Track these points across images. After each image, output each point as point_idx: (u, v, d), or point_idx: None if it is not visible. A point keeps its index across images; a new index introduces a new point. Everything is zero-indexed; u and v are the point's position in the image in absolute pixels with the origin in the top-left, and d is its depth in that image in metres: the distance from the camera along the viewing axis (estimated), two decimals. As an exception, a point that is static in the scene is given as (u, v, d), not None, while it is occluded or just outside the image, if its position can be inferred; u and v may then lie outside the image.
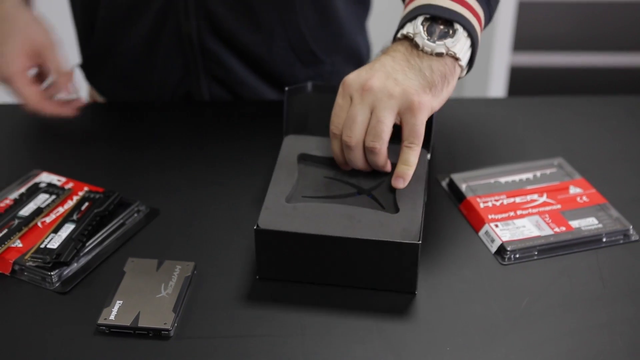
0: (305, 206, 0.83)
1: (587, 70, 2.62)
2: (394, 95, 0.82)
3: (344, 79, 0.86)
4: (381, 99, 0.83)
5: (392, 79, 0.83)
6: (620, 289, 0.82)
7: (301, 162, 0.91)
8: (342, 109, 0.86)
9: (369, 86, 0.83)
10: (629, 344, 0.75)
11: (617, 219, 0.89)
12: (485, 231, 0.89)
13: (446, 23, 0.85)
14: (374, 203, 0.85)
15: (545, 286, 0.82)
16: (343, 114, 0.85)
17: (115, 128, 1.15)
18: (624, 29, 2.61)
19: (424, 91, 0.83)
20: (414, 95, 0.82)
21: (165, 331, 0.75)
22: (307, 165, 0.91)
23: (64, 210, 0.90)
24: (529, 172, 0.98)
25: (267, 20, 1.16)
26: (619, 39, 2.62)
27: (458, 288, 0.82)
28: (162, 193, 0.96)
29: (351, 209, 0.82)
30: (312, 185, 0.88)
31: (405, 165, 0.85)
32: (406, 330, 0.77)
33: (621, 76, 2.62)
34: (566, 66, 2.62)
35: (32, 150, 1.08)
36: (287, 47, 1.19)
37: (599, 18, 2.59)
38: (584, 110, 1.17)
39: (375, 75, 0.84)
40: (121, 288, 0.80)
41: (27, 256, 0.83)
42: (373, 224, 0.80)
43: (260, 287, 0.82)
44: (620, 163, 1.03)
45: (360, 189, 0.87)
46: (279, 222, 0.80)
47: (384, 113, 0.83)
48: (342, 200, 0.85)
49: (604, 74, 2.62)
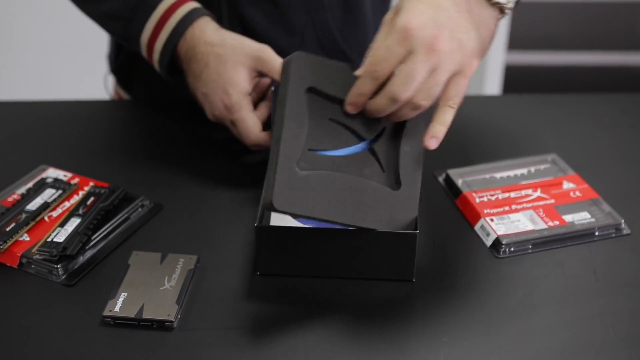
0: (316, 177, 0.78)
1: (580, 69, 2.62)
2: (456, 60, 0.79)
3: (408, 26, 0.78)
4: (445, 63, 0.79)
5: (456, 40, 0.79)
6: (612, 282, 0.82)
7: (309, 98, 0.82)
8: (394, 55, 0.78)
9: (437, 48, 0.78)
10: (621, 335, 0.75)
11: (609, 213, 0.90)
12: (480, 225, 0.89)
13: None
14: (375, 164, 0.82)
15: (539, 279, 0.82)
16: (393, 59, 0.78)
17: (120, 125, 1.15)
18: (615, 28, 2.61)
19: (478, 56, 0.82)
20: (472, 60, 0.81)
21: (169, 322, 0.76)
22: (315, 103, 0.82)
23: (70, 204, 0.90)
24: (523, 168, 0.98)
25: (298, 23, 1.15)
26: (611, 38, 2.62)
27: (454, 281, 0.82)
28: (165, 188, 0.96)
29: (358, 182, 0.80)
30: (317, 133, 0.82)
31: (442, 126, 0.80)
32: (403, 321, 0.77)
33: (613, 75, 2.63)
34: (560, 65, 2.62)
35: (39, 146, 1.08)
36: (318, 48, 1.18)
37: (592, 18, 2.59)
38: (577, 107, 1.17)
39: (442, 35, 0.78)
40: (126, 280, 0.80)
41: (34, 249, 0.83)
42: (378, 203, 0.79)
43: (260, 280, 0.82)
44: (612, 159, 1.03)
45: (362, 137, 0.83)
46: (292, 202, 0.76)
47: (444, 77, 0.79)
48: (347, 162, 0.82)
49: (596, 73, 2.62)
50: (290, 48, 1.17)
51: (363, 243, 0.80)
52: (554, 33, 2.62)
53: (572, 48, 2.61)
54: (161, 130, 1.12)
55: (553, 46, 2.61)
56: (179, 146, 1.07)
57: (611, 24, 2.60)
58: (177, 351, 0.74)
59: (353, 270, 0.82)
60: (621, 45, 2.62)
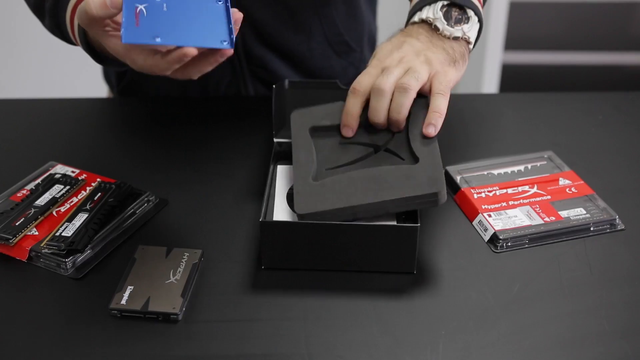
0: (333, 180, 0.82)
1: (574, 68, 2.62)
2: (425, 67, 0.86)
3: (377, 53, 0.90)
4: (416, 67, 0.86)
5: (422, 55, 0.87)
6: (606, 275, 0.82)
7: (314, 135, 0.90)
8: (371, 75, 0.87)
9: (405, 60, 0.87)
10: (615, 327, 0.75)
11: (604, 209, 0.89)
12: (478, 220, 0.88)
13: (461, 9, 0.90)
14: (393, 157, 0.85)
15: (535, 273, 0.82)
16: (371, 78, 0.87)
17: (127, 122, 1.15)
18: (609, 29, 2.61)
19: (449, 64, 0.88)
20: (445, 68, 0.87)
21: (174, 315, 0.75)
22: (320, 137, 0.90)
23: (78, 200, 0.90)
24: (520, 165, 0.97)
25: (305, 19, 1.17)
26: (605, 38, 2.62)
27: (453, 275, 0.82)
28: (171, 184, 0.96)
29: (375, 171, 0.82)
30: (332, 156, 0.87)
31: (437, 113, 0.85)
32: (403, 314, 0.77)
33: (607, 74, 2.63)
34: (555, 64, 2.62)
35: (48, 143, 1.07)
36: (324, 42, 1.20)
37: (586, 19, 2.59)
38: (572, 105, 1.16)
39: (409, 54, 0.87)
40: (132, 274, 0.80)
41: (43, 243, 0.83)
42: (399, 179, 0.80)
43: (264, 274, 0.82)
44: (606, 156, 1.02)
45: (376, 146, 0.87)
46: (313, 203, 0.80)
47: (419, 69, 0.86)
48: (364, 163, 0.85)
49: (590, 72, 2.62)
50: (298, 44, 1.19)
51: (365, 237, 0.79)
52: (550, 33, 2.62)
53: (568, 48, 2.61)
54: (167, 126, 1.11)
55: (549, 46, 2.61)
56: (185, 142, 1.06)
57: (605, 24, 2.60)
58: (182, 343, 0.73)
59: (355, 263, 0.81)
60: (615, 45, 2.62)
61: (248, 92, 1.22)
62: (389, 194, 0.78)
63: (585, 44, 2.61)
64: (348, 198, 0.79)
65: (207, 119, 1.13)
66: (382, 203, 0.78)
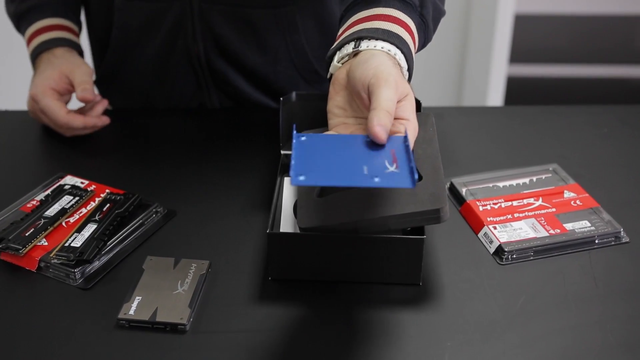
0: (335, 196, 0.81)
1: (580, 81, 2.62)
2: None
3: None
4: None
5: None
6: (611, 288, 0.81)
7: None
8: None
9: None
10: (620, 340, 0.74)
11: (609, 221, 0.89)
12: (484, 233, 0.88)
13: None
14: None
15: (540, 285, 0.82)
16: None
17: (135, 134, 1.15)
18: (614, 42, 2.61)
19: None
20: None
21: (182, 326, 0.75)
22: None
23: (87, 211, 0.90)
24: (525, 177, 0.97)
25: (271, 43, 1.14)
26: (610, 51, 2.61)
27: (458, 287, 0.81)
28: (179, 195, 0.96)
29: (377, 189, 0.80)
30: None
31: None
32: (408, 326, 0.77)
33: (612, 87, 2.62)
34: (561, 77, 2.62)
35: (57, 154, 1.08)
36: (292, 67, 1.17)
37: (592, 32, 2.58)
38: (577, 118, 1.16)
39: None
40: (140, 284, 0.80)
41: (52, 254, 0.83)
42: (401, 196, 0.78)
43: (271, 285, 0.82)
44: (612, 169, 1.02)
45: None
46: (316, 218, 0.79)
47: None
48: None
49: (596, 85, 2.62)
50: (262, 66, 1.16)
51: (372, 248, 0.79)
52: (555, 46, 2.62)
53: (573, 61, 2.61)
54: (175, 138, 1.12)
55: (554, 59, 2.61)
56: (193, 154, 1.06)
57: (610, 37, 2.60)
58: (189, 353, 0.73)
59: (362, 275, 0.81)
60: (620, 58, 2.61)
61: (213, 104, 1.21)
62: (390, 210, 0.78)
63: (591, 57, 2.60)
64: (350, 214, 0.79)
65: (215, 131, 1.14)
66: (383, 219, 0.77)
